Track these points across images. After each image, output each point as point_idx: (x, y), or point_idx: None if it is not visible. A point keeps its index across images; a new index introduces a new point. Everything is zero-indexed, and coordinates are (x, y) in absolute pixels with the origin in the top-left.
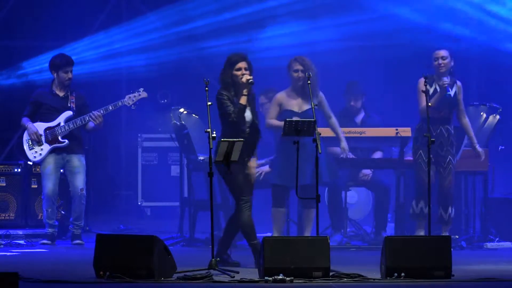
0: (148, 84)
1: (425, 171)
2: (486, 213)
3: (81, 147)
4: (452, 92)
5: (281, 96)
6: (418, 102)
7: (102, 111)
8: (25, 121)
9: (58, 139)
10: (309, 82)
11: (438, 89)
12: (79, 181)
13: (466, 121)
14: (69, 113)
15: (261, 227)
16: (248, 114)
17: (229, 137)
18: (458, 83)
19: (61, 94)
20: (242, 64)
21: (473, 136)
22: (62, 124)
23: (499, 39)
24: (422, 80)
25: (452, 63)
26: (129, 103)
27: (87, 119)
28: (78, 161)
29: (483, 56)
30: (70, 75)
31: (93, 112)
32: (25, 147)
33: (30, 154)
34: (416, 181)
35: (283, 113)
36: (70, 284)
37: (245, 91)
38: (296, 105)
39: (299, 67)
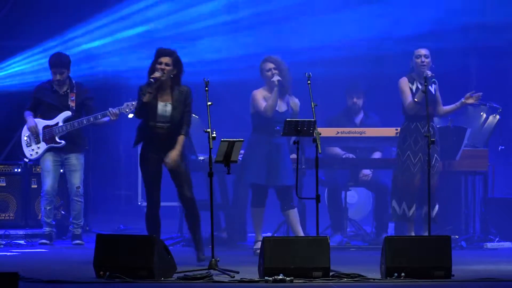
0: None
1: (413, 173)
2: (486, 213)
3: (79, 146)
4: (432, 89)
5: (261, 92)
6: (402, 101)
7: (116, 110)
8: (27, 115)
9: (55, 139)
10: (309, 82)
11: (420, 86)
12: (76, 178)
13: (442, 107)
14: (67, 113)
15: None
16: (168, 109)
17: (142, 132)
18: (435, 80)
19: (61, 91)
20: (164, 59)
21: (454, 106)
22: (60, 124)
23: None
24: (403, 79)
25: (431, 63)
26: (126, 111)
27: (99, 117)
28: (76, 160)
29: (483, 56)
30: (58, 77)
31: (110, 109)
32: (23, 143)
33: (26, 151)
34: (400, 181)
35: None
36: (70, 284)
37: (149, 89)
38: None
39: (272, 66)
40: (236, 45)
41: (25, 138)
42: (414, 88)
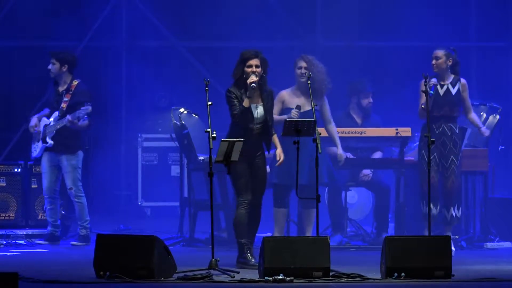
0: (148, 83)
1: (426, 172)
2: (486, 213)
3: (70, 147)
4: (453, 90)
5: (284, 93)
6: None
7: (70, 117)
8: (42, 111)
9: (46, 139)
10: (309, 82)
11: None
12: (68, 180)
13: (471, 116)
14: (56, 113)
15: (261, 227)
16: (259, 111)
17: (236, 135)
18: (462, 80)
19: (60, 89)
20: (254, 61)
21: (478, 124)
22: (51, 123)
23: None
24: (422, 82)
25: (450, 63)
26: (79, 118)
27: (64, 122)
28: (66, 161)
29: (483, 55)
30: (49, 66)
31: (68, 115)
32: (32, 139)
33: (32, 148)
34: (420, 182)
35: (285, 110)
36: (70, 284)
37: (248, 93)
38: (299, 103)
39: (303, 65)
40: None
41: (33, 135)
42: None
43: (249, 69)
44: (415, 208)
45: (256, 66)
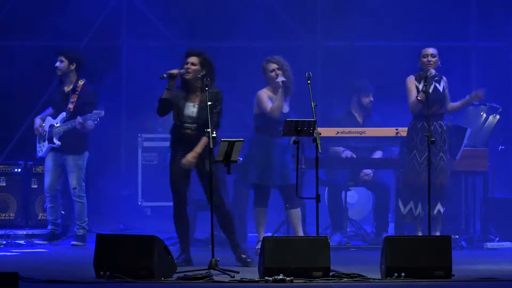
0: (148, 83)
1: (418, 172)
2: (486, 213)
3: (77, 147)
4: (440, 88)
5: (266, 93)
6: (407, 99)
7: (81, 120)
8: (44, 112)
9: (53, 139)
10: (309, 82)
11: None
12: (73, 180)
13: (451, 104)
14: (63, 114)
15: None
16: (194, 110)
17: (172, 130)
18: (444, 78)
19: (66, 89)
20: (191, 59)
21: (459, 103)
22: (58, 124)
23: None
24: (410, 78)
25: (439, 62)
26: (92, 119)
27: (73, 124)
28: (72, 161)
29: (483, 55)
30: (57, 63)
31: (78, 117)
32: (36, 140)
33: (37, 148)
34: (406, 181)
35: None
36: (70, 284)
37: (168, 85)
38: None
39: (275, 66)
40: None
41: (37, 136)
42: (421, 86)
43: (185, 65)
44: None
45: (193, 64)
